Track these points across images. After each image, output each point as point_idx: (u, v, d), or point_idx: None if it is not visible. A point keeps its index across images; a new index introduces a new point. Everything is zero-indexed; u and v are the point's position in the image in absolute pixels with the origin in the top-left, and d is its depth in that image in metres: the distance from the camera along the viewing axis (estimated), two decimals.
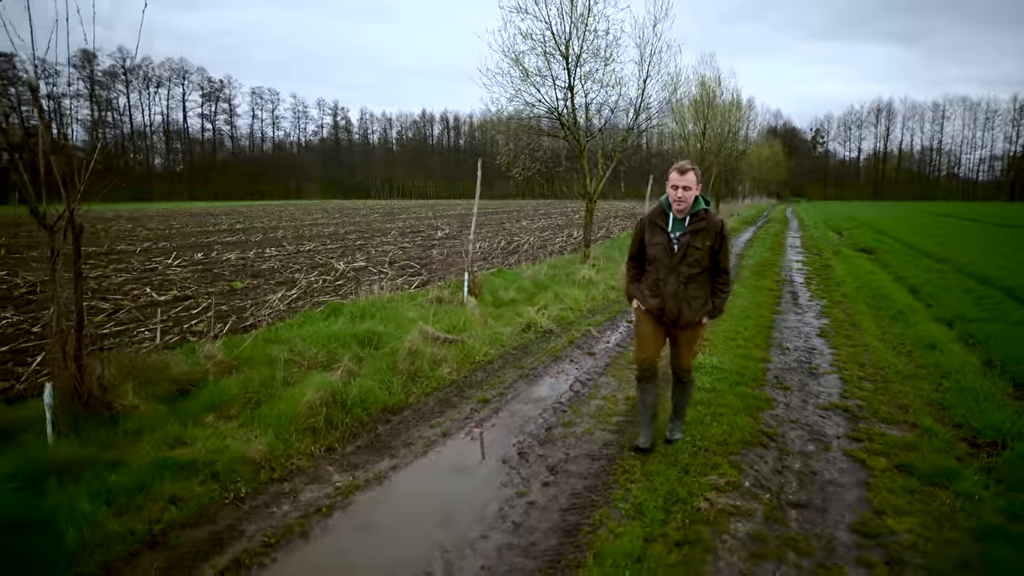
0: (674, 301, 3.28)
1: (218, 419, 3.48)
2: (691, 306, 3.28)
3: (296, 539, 2.57)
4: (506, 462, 3.33)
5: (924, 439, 3.66)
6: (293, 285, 8.91)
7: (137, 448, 3.04)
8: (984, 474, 3.22)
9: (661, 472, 3.13)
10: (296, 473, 3.12)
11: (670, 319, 3.33)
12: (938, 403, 4.36)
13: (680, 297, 3.27)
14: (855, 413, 4.12)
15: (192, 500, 2.74)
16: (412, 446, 3.54)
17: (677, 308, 3.28)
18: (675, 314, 3.30)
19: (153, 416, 3.40)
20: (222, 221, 27.07)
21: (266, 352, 4.58)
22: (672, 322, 3.34)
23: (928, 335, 6.22)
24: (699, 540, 2.55)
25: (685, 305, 3.28)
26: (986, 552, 2.53)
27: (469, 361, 4.99)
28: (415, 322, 5.42)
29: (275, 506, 2.81)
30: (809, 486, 3.10)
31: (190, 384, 3.89)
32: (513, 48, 9.86)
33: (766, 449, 3.53)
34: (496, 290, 7.43)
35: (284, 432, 3.36)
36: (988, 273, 10.40)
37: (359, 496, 2.95)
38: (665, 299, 3.30)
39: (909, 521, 2.75)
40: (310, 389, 3.69)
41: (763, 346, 5.89)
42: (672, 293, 3.28)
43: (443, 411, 4.07)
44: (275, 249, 14.74)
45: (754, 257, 13.97)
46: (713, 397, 4.28)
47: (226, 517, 2.70)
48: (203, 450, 3.01)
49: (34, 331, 6.00)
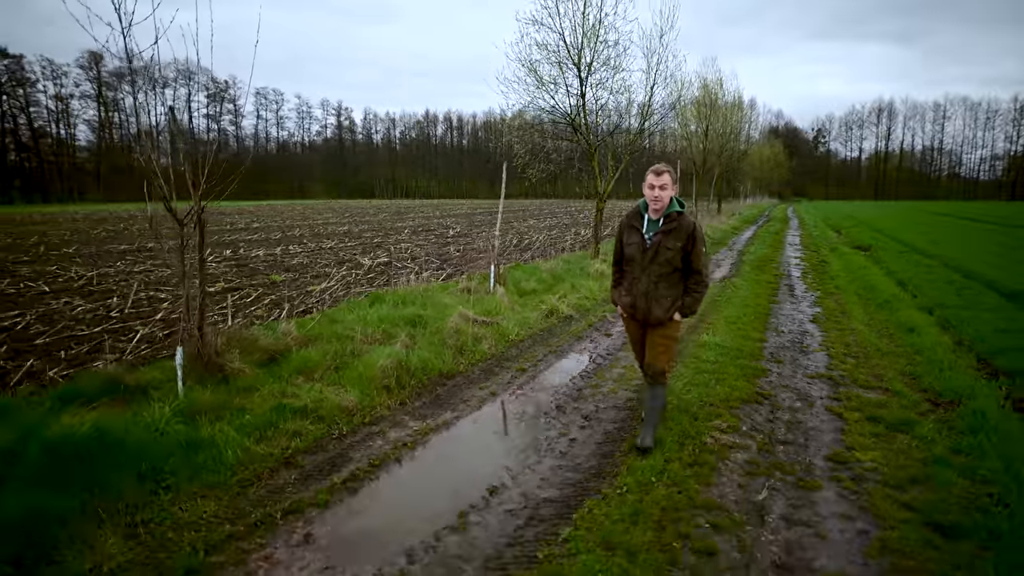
0: (644, 299, 3.43)
1: (307, 381, 4.22)
2: (660, 304, 3.41)
3: (392, 463, 3.32)
4: (547, 413, 4.07)
5: (893, 399, 4.39)
6: (328, 278, 9.65)
7: (253, 399, 3.79)
8: (940, 423, 3.94)
9: (675, 418, 3.87)
10: (380, 419, 3.87)
11: (641, 316, 3.48)
12: (910, 374, 5.08)
13: (650, 295, 3.41)
14: (837, 381, 4.85)
15: (308, 434, 3.49)
16: (467, 402, 4.28)
17: (647, 306, 3.43)
18: (645, 311, 3.44)
19: (255, 377, 4.15)
20: (236, 221, 27.81)
21: (331, 330, 5.32)
22: (644, 320, 3.49)
23: (909, 320, 6.94)
24: (706, 463, 3.29)
25: (655, 303, 3.41)
26: (931, 473, 3.25)
27: (504, 339, 5.74)
28: (453, 307, 6.16)
29: (370, 441, 3.56)
30: (795, 430, 3.83)
31: (277, 354, 4.63)
32: (529, 58, 10.62)
33: (760, 405, 4.27)
34: (518, 281, 8.17)
35: (366, 389, 4.10)
36: (972, 268, 11.12)
37: (433, 436, 3.69)
38: (636, 297, 3.46)
39: (873, 454, 3.48)
40: (381, 357, 4.44)
41: (760, 329, 6.61)
42: (643, 291, 3.42)
43: (488, 377, 4.82)
44: (298, 247, 15.49)
45: (754, 254, 14.68)
46: (716, 367, 5.02)
47: (335, 448, 3.45)
48: (308, 400, 3.75)
49: (113, 315, 6.76)
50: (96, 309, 7.19)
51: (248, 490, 2.93)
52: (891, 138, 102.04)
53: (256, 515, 2.71)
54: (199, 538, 2.52)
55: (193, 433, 3.15)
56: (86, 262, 12.16)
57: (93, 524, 2.52)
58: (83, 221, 26.71)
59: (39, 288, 8.79)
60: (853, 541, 2.61)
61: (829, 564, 2.45)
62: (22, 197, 60.82)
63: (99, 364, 4.75)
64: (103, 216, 31.29)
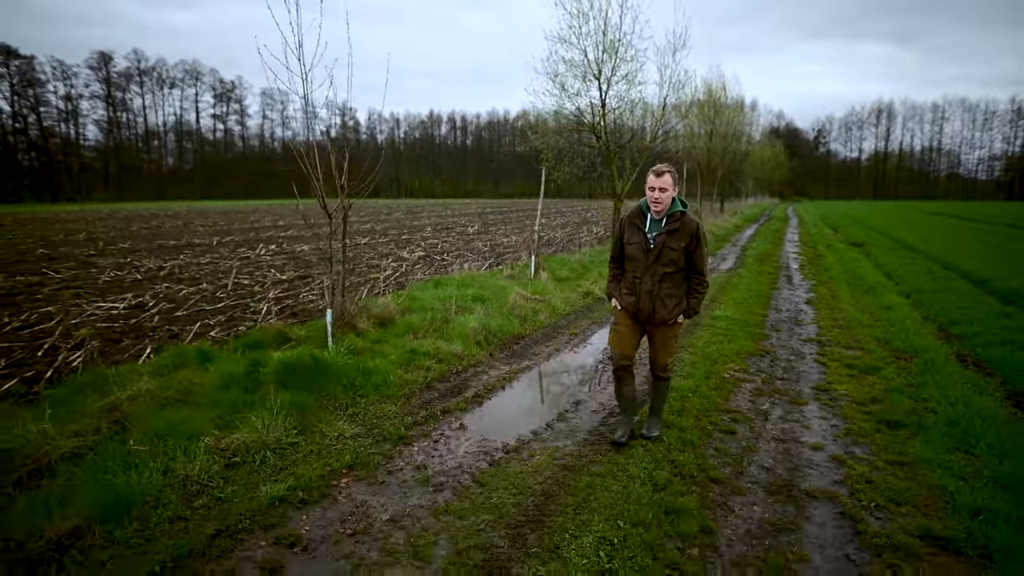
0: (648, 299, 3.39)
1: (415, 338, 5.51)
2: (665, 304, 3.38)
3: (498, 389, 4.61)
4: (601, 361, 5.36)
5: (866, 354, 5.68)
6: (382, 269, 10.95)
7: (385, 347, 5.08)
8: (899, 369, 5.23)
9: (700, 363, 5.16)
10: (480, 363, 5.17)
11: (645, 316, 3.44)
12: (883, 339, 6.37)
13: (654, 295, 3.38)
14: (824, 343, 6.15)
15: (436, 369, 4.79)
16: (537, 355, 5.58)
17: (651, 305, 3.39)
18: (649, 311, 3.41)
19: (377, 335, 5.44)
20: (259, 219, 29.11)
21: (416, 304, 6.62)
22: (647, 319, 3.46)
23: (889, 302, 8.23)
24: (726, 387, 4.59)
25: (659, 303, 3.38)
26: (887, 397, 4.53)
27: (555, 313, 7.05)
28: (509, 288, 7.45)
29: (479, 376, 4.86)
30: (789, 372, 5.13)
31: (385, 320, 5.91)
32: (555, 71, 11.90)
33: (763, 358, 5.56)
34: (553, 270, 9.47)
35: (465, 343, 5.40)
36: (952, 260, 12.43)
37: (521, 375, 4.99)
38: (640, 297, 3.41)
39: (847, 386, 4.77)
40: (471, 321, 5.74)
41: (763, 308, 7.91)
42: (647, 291, 3.38)
43: (549, 339, 6.12)
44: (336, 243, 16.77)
45: (757, 249, 15.99)
46: (728, 332, 6.32)
47: (456, 379, 4.75)
48: (428, 348, 5.05)
49: (219, 296, 8.05)
50: (200, 292, 8.48)
51: (411, 400, 4.24)
52: (890, 139, 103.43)
53: (423, 413, 4.01)
54: (397, 422, 3.83)
55: (362, 364, 4.44)
56: (151, 255, 13.45)
57: (324, 412, 3.82)
58: (109, 219, 27.98)
59: (132, 276, 10.08)
60: (828, 429, 3.90)
61: (811, 439, 3.74)
62: (32, 196, 62.13)
63: (244, 327, 6.04)
64: (127, 215, 32.57)
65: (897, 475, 3.24)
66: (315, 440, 3.51)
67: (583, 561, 2.43)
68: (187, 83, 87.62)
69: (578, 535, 2.62)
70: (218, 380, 4.02)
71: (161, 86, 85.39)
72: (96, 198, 65.15)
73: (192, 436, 3.26)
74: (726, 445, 3.61)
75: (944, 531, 2.68)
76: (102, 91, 75.71)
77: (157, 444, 3.14)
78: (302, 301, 7.74)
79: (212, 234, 19.72)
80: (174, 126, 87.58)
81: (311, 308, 7.21)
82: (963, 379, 4.84)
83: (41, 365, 4.86)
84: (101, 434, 3.23)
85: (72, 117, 74.36)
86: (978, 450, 3.51)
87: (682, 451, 3.47)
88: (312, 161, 4.94)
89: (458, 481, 3.11)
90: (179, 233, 20.05)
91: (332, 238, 5.18)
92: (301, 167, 4.94)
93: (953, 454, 3.47)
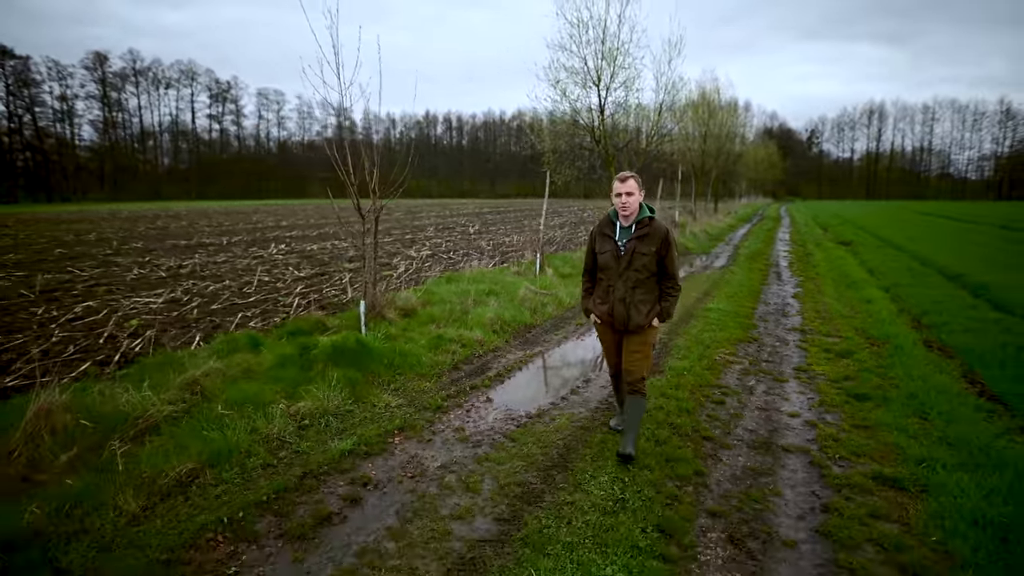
0: (622, 306, 3.40)
1: (438, 327, 6.10)
2: (639, 310, 3.39)
3: (516, 369, 5.22)
4: None
5: (844, 341, 6.31)
6: (394, 267, 11.53)
7: (413, 334, 5.67)
8: (872, 353, 5.86)
9: (693, 347, 5.79)
10: (498, 348, 5.78)
11: (620, 324, 3.44)
12: (860, 328, 7.00)
13: (628, 302, 3.39)
14: (806, 331, 6.78)
15: (460, 353, 5.39)
16: (548, 343, 6.18)
17: (626, 312, 3.40)
18: (624, 318, 3.41)
19: (403, 324, 6.03)
20: (261, 219, 29.59)
21: (434, 297, 7.21)
22: (623, 327, 3.45)
23: (869, 295, 8.89)
24: (716, 368, 5.22)
25: (633, 309, 3.39)
26: (858, 375, 5.16)
27: (561, 305, 7.66)
28: (518, 283, 8.06)
29: (499, 358, 5.46)
30: (774, 356, 5.76)
31: (409, 311, 6.50)
32: (557, 78, 12.52)
33: (751, 344, 6.19)
34: (557, 267, 10.08)
35: (483, 331, 6.01)
36: (932, 258, 13.13)
37: (535, 358, 5.60)
38: (613, 304, 3.42)
39: (824, 367, 5.40)
40: (487, 312, 6.35)
41: (753, 301, 8.55)
42: (620, 298, 3.40)
43: (557, 329, 6.73)
44: (343, 242, 17.33)
45: (748, 248, 16.66)
46: (720, 322, 6.95)
47: (479, 361, 5.35)
48: (452, 335, 5.65)
49: (246, 291, 8.61)
50: (227, 288, 9.03)
51: (441, 377, 4.85)
52: (882, 139, 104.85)
53: (454, 389, 4.61)
54: (433, 395, 4.43)
55: (397, 347, 5.04)
56: (167, 254, 13.97)
57: (371, 387, 4.42)
58: (113, 220, 28.36)
59: (156, 274, 10.63)
60: (804, 401, 4.53)
61: (789, 408, 4.36)
62: (27, 196, 62.24)
63: (279, 319, 6.62)
64: (129, 216, 32.95)
65: (860, 435, 3.86)
66: (367, 408, 4.11)
67: (601, 492, 3.04)
68: (183, 83, 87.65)
69: (596, 475, 3.23)
70: (274, 360, 4.60)
71: (157, 86, 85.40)
72: (92, 198, 65.22)
73: (264, 405, 3.84)
74: (717, 413, 4.23)
75: (893, 474, 3.30)
76: (98, 91, 75.86)
77: (238, 410, 3.73)
78: (326, 295, 8.31)
79: (219, 234, 20.21)
80: (170, 126, 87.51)
81: (336, 301, 7.79)
82: (926, 361, 5.49)
83: (106, 351, 5.42)
84: (188, 402, 3.81)
85: (67, 117, 74.37)
86: (931, 416, 4.14)
87: (679, 416, 4.09)
88: (346, 167, 5.52)
89: (492, 439, 3.71)
90: (187, 233, 20.53)
91: (365, 235, 5.77)
92: (336, 171, 5.51)
93: (909, 419, 4.09)
